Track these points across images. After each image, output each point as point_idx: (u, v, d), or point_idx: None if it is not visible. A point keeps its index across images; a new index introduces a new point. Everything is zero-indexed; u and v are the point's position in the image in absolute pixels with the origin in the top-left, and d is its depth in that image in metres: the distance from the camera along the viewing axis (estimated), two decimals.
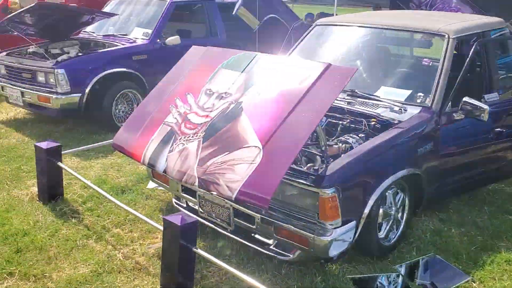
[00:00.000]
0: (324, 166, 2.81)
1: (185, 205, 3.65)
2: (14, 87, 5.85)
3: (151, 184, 4.19)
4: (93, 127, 5.89)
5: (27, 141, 5.52)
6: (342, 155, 2.94)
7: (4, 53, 6.31)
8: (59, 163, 3.86)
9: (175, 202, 3.76)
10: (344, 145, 3.16)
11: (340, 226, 2.76)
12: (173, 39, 6.06)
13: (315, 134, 2.99)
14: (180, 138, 3.11)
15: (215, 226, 3.30)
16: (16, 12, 5.93)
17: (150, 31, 6.11)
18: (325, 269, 3.07)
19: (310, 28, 4.55)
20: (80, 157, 4.96)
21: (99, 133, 5.71)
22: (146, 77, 5.95)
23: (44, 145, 3.85)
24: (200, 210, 3.35)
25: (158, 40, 6.11)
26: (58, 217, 3.69)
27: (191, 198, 3.43)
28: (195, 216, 3.07)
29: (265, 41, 6.75)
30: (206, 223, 3.32)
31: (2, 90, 6.09)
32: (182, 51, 6.20)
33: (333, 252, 2.78)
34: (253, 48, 6.30)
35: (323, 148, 2.84)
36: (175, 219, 2.76)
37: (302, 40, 4.48)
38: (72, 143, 5.31)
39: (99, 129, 5.82)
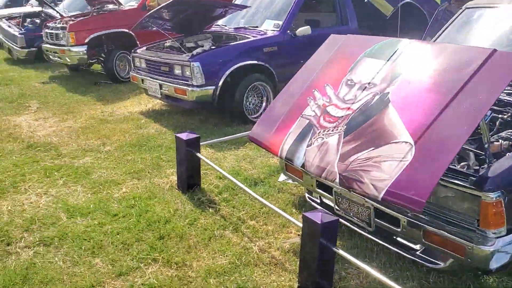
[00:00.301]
0: (486, 166, 2.47)
1: (318, 201, 3.52)
2: (153, 79, 6.20)
3: (282, 177, 4.12)
4: (225, 119, 6.04)
5: (165, 131, 5.82)
6: (507, 154, 2.56)
7: (144, 48, 6.73)
8: (198, 154, 3.96)
9: (308, 197, 3.65)
10: (506, 142, 2.77)
11: (504, 236, 2.41)
12: (304, 30, 5.95)
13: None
14: (319, 132, 2.97)
15: (353, 225, 3.12)
16: (156, 8, 6.26)
17: (280, 23, 6.06)
18: (481, 281, 2.74)
19: (459, 12, 4.11)
20: (215, 148, 5.09)
21: (230, 125, 5.83)
22: (276, 69, 5.92)
23: (184, 136, 3.98)
24: (336, 207, 3.19)
25: (288, 32, 6.04)
26: (196, 207, 3.80)
27: (326, 194, 3.29)
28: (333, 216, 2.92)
29: (401, 28, 6.34)
30: (344, 222, 3.15)
31: (142, 83, 6.50)
32: (312, 42, 6.17)
33: (494, 264, 2.44)
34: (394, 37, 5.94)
35: (486, 146, 2.49)
36: (315, 216, 2.64)
37: (449, 25, 4.07)
38: (206, 134, 5.48)
39: (230, 121, 5.94)
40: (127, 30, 8.65)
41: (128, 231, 3.44)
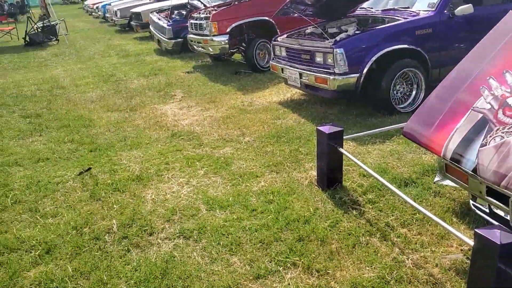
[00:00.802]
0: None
1: (487, 210, 2.94)
2: (293, 68, 5.97)
3: (439, 178, 3.59)
4: (368, 109, 5.58)
5: (303, 122, 5.57)
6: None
7: (285, 36, 6.53)
8: (340, 149, 3.62)
9: (472, 204, 3.08)
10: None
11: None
12: (465, 8, 5.18)
13: None
14: (497, 129, 2.42)
15: None
16: None
17: (436, 1, 5.37)
18: None
19: None
20: (357, 142, 4.69)
21: (374, 116, 5.37)
22: (429, 53, 5.27)
23: (326, 129, 3.66)
24: None
25: (446, 11, 5.33)
26: (338, 207, 3.46)
27: (500, 204, 2.71)
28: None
29: None
30: None
31: (282, 72, 6.31)
32: (473, 22, 5.39)
33: None
34: None
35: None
36: (492, 234, 2.13)
37: None
38: (347, 126, 5.11)
39: (375, 111, 5.47)
40: (267, 18, 8.58)
41: (266, 229, 3.24)
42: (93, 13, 26.82)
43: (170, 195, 3.89)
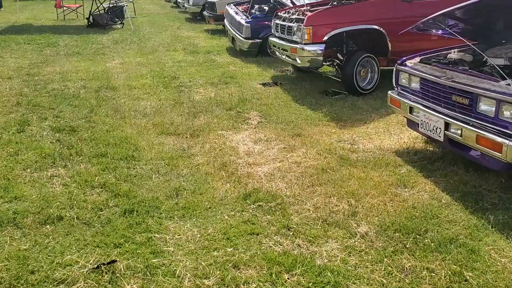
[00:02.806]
0: None
1: None
2: (434, 113, 4.00)
3: None
4: None
5: (447, 200, 3.61)
6: None
7: (417, 59, 4.55)
8: None
9: None
10: None
11: None
12: None
13: None
14: None
15: None
16: (454, 7, 4.00)
17: None
18: None
19: None
20: None
21: None
22: None
23: None
24: None
25: None
26: None
27: None
28: None
29: None
30: None
31: (410, 113, 4.35)
32: None
33: None
34: None
35: None
36: None
37: None
38: None
39: None
40: (377, 27, 6.59)
41: None
42: None
43: None
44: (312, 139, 5.04)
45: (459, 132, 3.71)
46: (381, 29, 6.60)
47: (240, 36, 9.61)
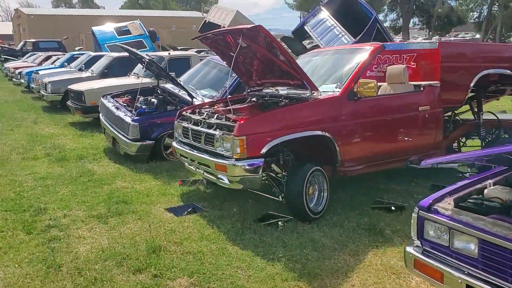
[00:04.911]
0: None
1: None
2: None
3: None
4: None
5: None
6: None
7: (450, 201, 3.03)
8: None
9: None
10: None
11: None
12: None
13: None
14: None
15: None
16: None
17: None
18: None
19: None
20: None
21: None
22: None
23: None
24: None
25: None
26: None
27: None
28: None
29: None
30: None
31: None
32: None
33: None
34: None
35: None
36: None
37: None
38: None
39: None
40: (322, 133, 5.10)
41: None
42: (14, 79, 22.09)
43: None
44: None
45: None
46: (327, 134, 5.13)
47: (125, 137, 7.48)
